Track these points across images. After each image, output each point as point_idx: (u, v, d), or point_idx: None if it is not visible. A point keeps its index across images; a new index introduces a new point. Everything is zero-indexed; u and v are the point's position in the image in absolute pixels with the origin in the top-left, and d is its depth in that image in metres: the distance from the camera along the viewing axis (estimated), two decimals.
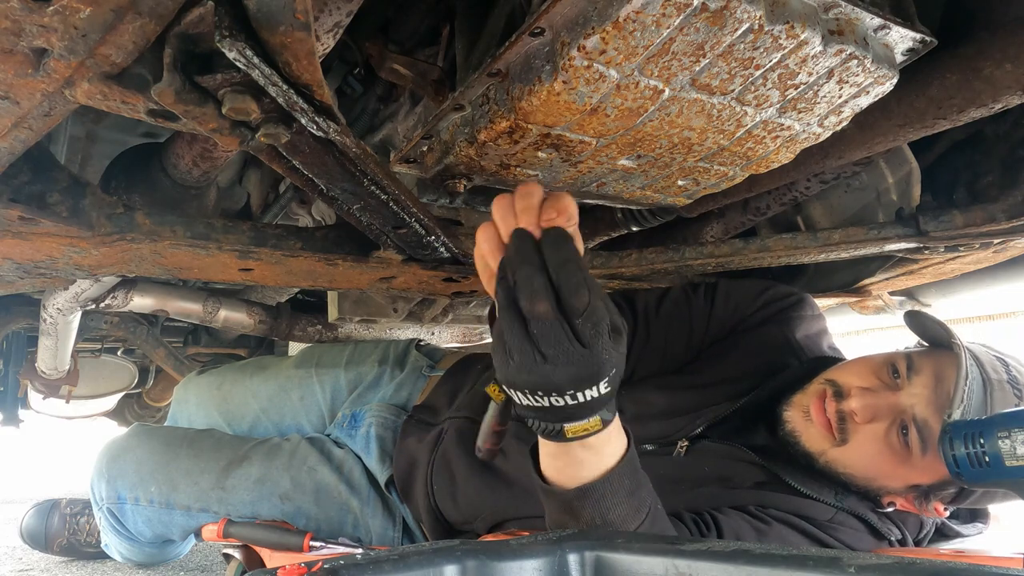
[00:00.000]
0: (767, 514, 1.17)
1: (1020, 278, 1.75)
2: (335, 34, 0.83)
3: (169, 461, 1.60)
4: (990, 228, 1.22)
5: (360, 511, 1.57)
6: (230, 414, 1.83)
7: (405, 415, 1.68)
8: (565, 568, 0.73)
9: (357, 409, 1.73)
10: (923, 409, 1.17)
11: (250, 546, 1.45)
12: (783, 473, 1.24)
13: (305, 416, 1.82)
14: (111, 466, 1.63)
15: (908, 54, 0.85)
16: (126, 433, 1.71)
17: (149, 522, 1.61)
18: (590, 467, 0.92)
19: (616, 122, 0.85)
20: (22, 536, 2.24)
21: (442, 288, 1.51)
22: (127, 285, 1.78)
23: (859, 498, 1.25)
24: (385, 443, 1.63)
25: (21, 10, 0.54)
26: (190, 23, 0.59)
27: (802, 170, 1.16)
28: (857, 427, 1.19)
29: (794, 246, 1.38)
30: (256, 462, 1.60)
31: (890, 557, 0.58)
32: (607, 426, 0.87)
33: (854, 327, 2.95)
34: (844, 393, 1.21)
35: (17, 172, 0.92)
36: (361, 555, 0.66)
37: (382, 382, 1.80)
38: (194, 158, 1.20)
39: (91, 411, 3.28)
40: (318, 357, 1.91)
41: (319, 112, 0.69)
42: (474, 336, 2.24)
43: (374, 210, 0.98)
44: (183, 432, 1.71)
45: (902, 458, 1.19)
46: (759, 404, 1.33)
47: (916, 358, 1.23)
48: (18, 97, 0.67)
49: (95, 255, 1.10)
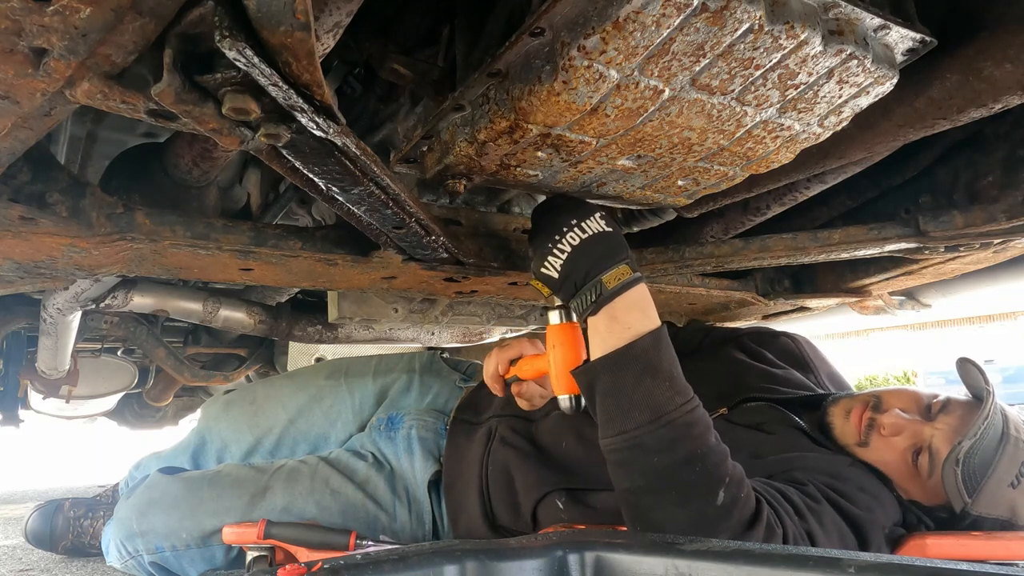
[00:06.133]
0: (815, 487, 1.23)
1: (1020, 278, 1.75)
2: (335, 34, 0.83)
3: (195, 507, 1.61)
4: (990, 228, 1.22)
5: (388, 523, 1.59)
6: (259, 427, 1.84)
7: (445, 418, 1.73)
8: (565, 568, 0.73)
9: (393, 413, 1.77)
10: (940, 441, 1.30)
11: (282, 547, 1.45)
12: (814, 435, 1.40)
13: (333, 425, 1.84)
14: (140, 522, 1.64)
15: (908, 54, 0.85)
16: (146, 485, 1.71)
17: (193, 561, 1.63)
18: (639, 324, 1.04)
19: (616, 122, 0.85)
20: (27, 538, 2.25)
21: (442, 288, 1.51)
22: (127, 285, 1.77)
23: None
24: (427, 443, 1.67)
25: (21, 10, 0.54)
26: (190, 23, 0.59)
27: (802, 170, 1.16)
28: (880, 437, 1.34)
29: (794, 246, 1.38)
30: (279, 491, 1.61)
31: (890, 557, 0.58)
32: (637, 277, 1.07)
33: (854, 327, 2.95)
34: (882, 408, 1.38)
35: (17, 172, 0.92)
36: (361, 555, 0.66)
37: (412, 388, 1.86)
38: (194, 158, 1.20)
39: (91, 411, 3.28)
40: (347, 368, 1.95)
41: (319, 112, 0.69)
42: (474, 336, 2.24)
43: (374, 210, 0.98)
44: (200, 475, 1.72)
45: (911, 473, 1.32)
46: (808, 400, 1.51)
47: (953, 402, 1.37)
48: (18, 97, 0.67)
49: (95, 255, 1.10)
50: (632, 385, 1.01)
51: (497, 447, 1.52)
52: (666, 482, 0.98)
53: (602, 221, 1.10)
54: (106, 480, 4.02)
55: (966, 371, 1.41)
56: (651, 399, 1.00)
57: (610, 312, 1.05)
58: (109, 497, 2.27)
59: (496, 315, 1.92)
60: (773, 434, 1.38)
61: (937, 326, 3.04)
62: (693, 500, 0.97)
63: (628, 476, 1.02)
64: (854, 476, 1.27)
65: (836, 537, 1.12)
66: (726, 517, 0.97)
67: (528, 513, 1.40)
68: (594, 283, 1.06)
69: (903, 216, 1.32)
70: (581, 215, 1.10)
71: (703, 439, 1.00)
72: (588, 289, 1.07)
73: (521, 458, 1.47)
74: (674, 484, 0.98)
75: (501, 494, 1.47)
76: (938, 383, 13.05)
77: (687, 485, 0.98)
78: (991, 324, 3.33)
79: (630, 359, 1.02)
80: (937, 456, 1.29)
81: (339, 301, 1.73)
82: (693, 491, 0.97)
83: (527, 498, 1.41)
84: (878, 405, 1.39)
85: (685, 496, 0.98)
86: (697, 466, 0.98)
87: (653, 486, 0.99)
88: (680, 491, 0.98)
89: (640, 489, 1.00)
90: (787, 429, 1.40)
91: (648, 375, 1.01)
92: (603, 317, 1.06)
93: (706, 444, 1.00)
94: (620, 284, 1.05)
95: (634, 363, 1.02)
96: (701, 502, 0.97)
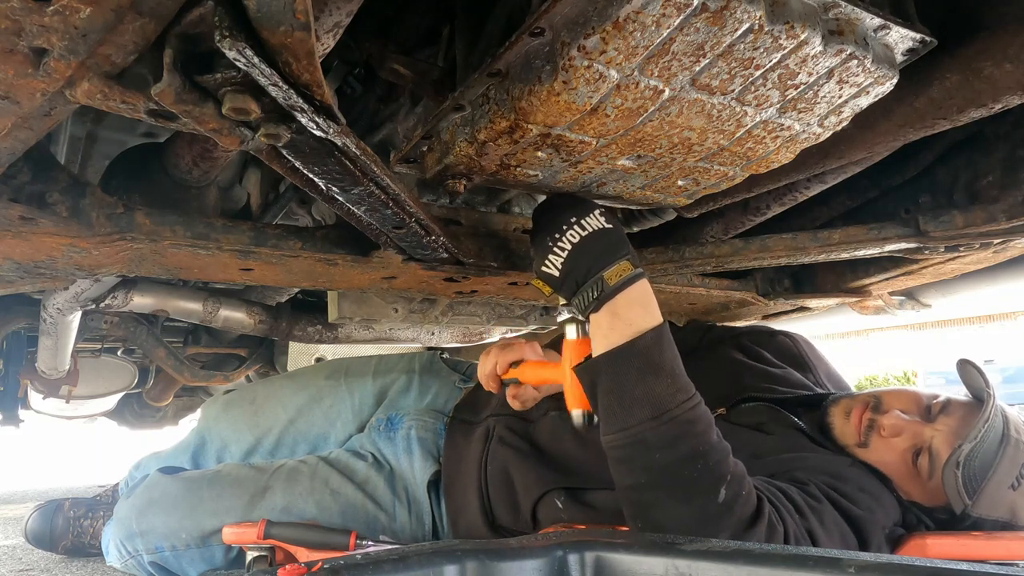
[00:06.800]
0: (815, 487, 1.23)
1: (1020, 278, 1.75)
2: (335, 34, 0.83)
3: (195, 507, 1.61)
4: (990, 228, 1.22)
5: (388, 523, 1.59)
6: (259, 427, 1.84)
7: (444, 418, 1.73)
8: (565, 568, 0.73)
9: (392, 413, 1.77)
10: (940, 442, 1.30)
11: (281, 547, 1.44)
12: (814, 435, 1.40)
13: (332, 426, 1.84)
14: (140, 522, 1.64)
15: (908, 54, 0.85)
16: (145, 485, 1.71)
17: (193, 561, 1.63)
18: (641, 320, 1.04)
19: (616, 122, 0.85)
20: (27, 538, 2.24)
21: (442, 288, 1.51)
22: (127, 285, 1.77)
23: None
24: (427, 444, 1.67)
25: (21, 10, 0.54)
26: (190, 23, 0.59)
27: (802, 170, 1.16)
28: (880, 438, 1.34)
29: (794, 246, 1.38)
30: (279, 491, 1.61)
31: (890, 557, 0.58)
32: (639, 273, 1.07)
33: (854, 327, 2.95)
34: (882, 409, 1.38)
35: (17, 172, 0.92)
36: (361, 555, 0.66)
37: (412, 388, 1.86)
38: (194, 158, 1.20)
39: (91, 411, 3.27)
40: (346, 368, 1.95)
41: (319, 112, 0.68)
42: (474, 336, 2.24)
43: (374, 210, 0.98)
44: (200, 475, 1.72)
45: (911, 474, 1.32)
46: (807, 399, 1.51)
47: (953, 404, 1.37)
48: (18, 97, 0.67)
49: (95, 255, 1.10)
50: (634, 382, 1.01)
51: (496, 447, 1.52)
52: (668, 479, 0.98)
53: (602, 218, 1.11)
54: (106, 480, 4.02)
55: (966, 372, 1.41)
56: (653, 395, 1.00)
57: (612, 309, 1.05)
58: (109, 497, 2.28)
59: (496, 315, 1.92)
60: (773, 435, 1.38)
61: (937, 326, 3.04)
62: (695, 497, 0.97)
63: (630, 473, 1.02)
64: (854, 476, 1.27)
65: (837, 536, 1.12)
66: (727, 514, 0.97)
67: (527, 512, 1.40)
68: (595, 280, 1.06)
69: (903, 216, 1.32)
70: (581, 212, 1.10)
71: (705, 436, 1.00)
72: (589, 286, 1.07)
73: (520, 458, 1.47)
74: (676, 481, 0.98)
75: (500, 494, 1.47)
76: (938, 383, 13.04)
77: (689, 482, 0.98)
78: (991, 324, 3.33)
79: (632, 356, 1.02)
80: (937, 457, 1.29)
81: (339, 301, 1.73)
82: (695, 488, 0.97)
83: (526, 497, 1.41)
84: (878, 406, 1.39)
85: (687, 493, 0.98)
86: (699, 463, 0.98)
87: (655, 483, 0.99)
88: (682, 488, 0.98)
89: (641, 486, 1.00)
90: (787, 429, 1.40)
91: (650, 371, 1.01)
92: (605, 314, 1.06)
93: (708, 441, 1.00)
94: (621, 280, 1.06)
95: (636, 359, 1.02)
96: (703, 499, 0.97)
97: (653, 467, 0.99)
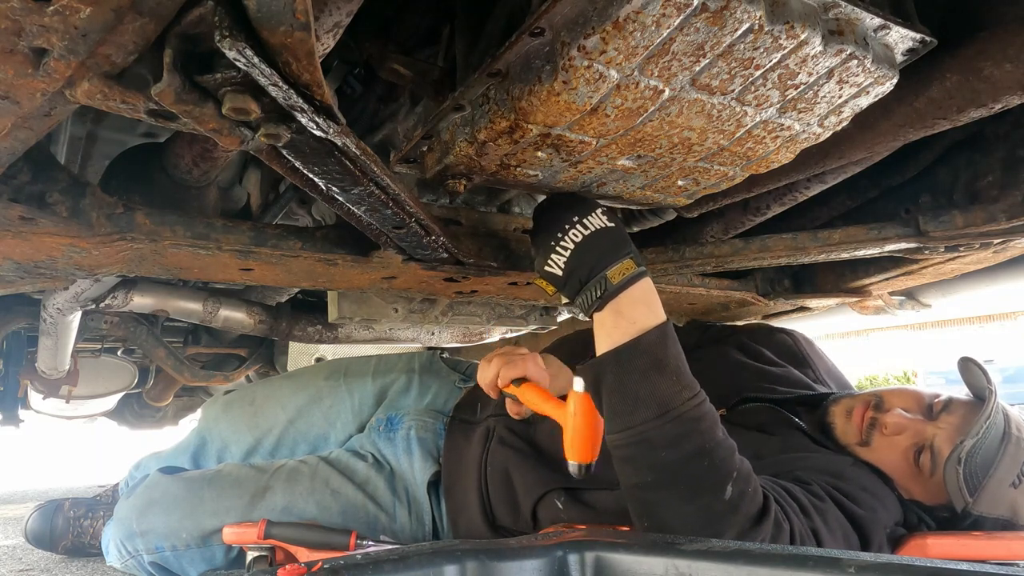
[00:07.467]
0: (819, 486, 1.22)
1: (1020, 278, 1.75)
2: (335, 34, 0.83)
3: (195, 507, 1.61)
4: (990, 228, 1.22)
5: (388, 523, 1.59)
6: (259, 427, 1.84)
7: (444, 418, 1.72)
8: (565, 568, 0.73)
9: (392, 413, 1.77)
10: (942, 440, 1.31)
11: (282, 547, 1.44)
12: (815, 435, 1.41)
13: (332, 426, 1.84)
14: (140, 522, 1.64)
15: (908, 54, 0.85)
16: (146, 485, 1.71)
17: (193, 561, 1.63)
18: (644, 319, 1.04)
19: (616, 122, 0.85)
20: (27, 538, 2.24)
21: (442, 288, 1.51)
22: (127, 285, 1.77)
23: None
24: (426, 444, 1.67)
25: (21, 10, 0.54)
26: (190, 23, 0.59)
27: (802, 170, 1.16)
28: (882, 436, 1.34)
29: (794, 246, 1.38)
30: (279, 491, 1.61)
31: (890, 557, 0.58)
32: (642, 271, 1.07)
33: (854, 327, 2.95)
34: (884, 408, 1.38)
35: (17, 172, 0.92)
36: (361, 555, 0.66)
37: (412, 388, 1.85)
38: (194, 158, 1.20)
39: (91, 411, 3.27)
40: (346, 368, 1.95)
41: (319, 112, 0.68)
42: (474, 336, 2.24)
43: (374, 210, 0.98)
44: (200, 475, 1.72)
45: (913, 473, 1.32)
46: (807, 399, 1.52)
47: (955, 402, 1.37)
48: (18, 97, 0.67)
49: (95, 255, 1.10)
50: (638, 380, 1.01)
51: (496, 447, 1.52)
52: (674, 477, 0.98)
53: (604, 217, 1.11)
54: (106, 480, 4.02)
55: (968, 370, 1.41)
56: (658, 394, 0.99)
57: (615, 307, 1.05)
58: (109, 497, 2.27)
59: (496, 315, 1.92)
60: (774, 435, 1.38)
61: (937, 326, 3.04)
62: (701, 495, 0.97)
63: (635, 472, 1.02)
64: (856, 476, 1.27)
65: (840, 536, 1.12)
66: (734, 512, 0.96)
67: (528, 513, 1.40)
68: (598, 279, 1.06)
69: (903, 216, 1.32)
70: (583, 211, 1.10)
71: (711, 433, 1.00)
72: (593, 285, 1.07)
73: (520, 458, 1.47)
74: (682, 479, 0.98)
75: (500, 494, 1.47)
76: (938, 383, 13.05)
77: (695, 480, 0.97)
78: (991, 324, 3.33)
79: (636, 354, 1.02)
80: (939, 455, 1.29)
81: (339, 301, 1.73)
82: (701, 486, 0.97)
83: (526, 498, 1.41)
84: (880, 404, 1.39)
85: (693, 491, 0.97)
86: (705, 461, 0.97)
87: (661, 481, 0.99)
88: (688, 486, 0.98)
89: (647, 484, 1.00)
90: (788, 430, 1.40)
91: (654, 370, 1.01)
92: (608, 313, 1.06)
93: (714, 439, 1.00)
94: (625, 279, 1.06)
95: (640, 358, 1.02)
96: (709, 497, 0.97)
97: (659, 466, 0.99)
